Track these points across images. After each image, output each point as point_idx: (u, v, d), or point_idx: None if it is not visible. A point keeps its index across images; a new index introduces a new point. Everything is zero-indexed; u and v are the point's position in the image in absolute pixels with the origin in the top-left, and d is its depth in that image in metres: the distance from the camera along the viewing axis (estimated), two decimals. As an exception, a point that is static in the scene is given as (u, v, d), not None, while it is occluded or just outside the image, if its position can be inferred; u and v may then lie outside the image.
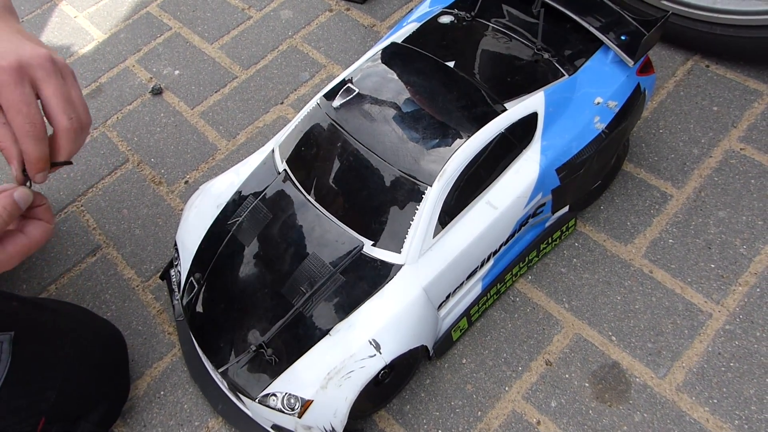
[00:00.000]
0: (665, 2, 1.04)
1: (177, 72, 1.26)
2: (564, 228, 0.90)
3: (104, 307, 0.96)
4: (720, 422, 0.77)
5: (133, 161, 1.14)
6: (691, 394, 0.79)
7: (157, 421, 0.85)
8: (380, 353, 0.68)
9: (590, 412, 0.80)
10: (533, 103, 0.76)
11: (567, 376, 0.83)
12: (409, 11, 0.97)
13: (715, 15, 1.00)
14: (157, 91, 1.23)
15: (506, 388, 0.83)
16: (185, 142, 1.15)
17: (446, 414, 0.82)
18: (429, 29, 0.85)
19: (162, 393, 0.87)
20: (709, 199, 0.95)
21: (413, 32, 0.85)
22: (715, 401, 0.79)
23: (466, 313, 0.83)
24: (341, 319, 0.70)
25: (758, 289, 0.86)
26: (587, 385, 0.82)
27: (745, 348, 0.82)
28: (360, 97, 0.77)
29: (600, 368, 0.83)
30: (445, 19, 0.86)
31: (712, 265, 0.89)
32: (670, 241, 0.92)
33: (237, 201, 0.80)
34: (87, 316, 0.85)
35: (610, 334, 0.85)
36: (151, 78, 1.26)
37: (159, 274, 0.98)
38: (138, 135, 1.17)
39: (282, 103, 1.18)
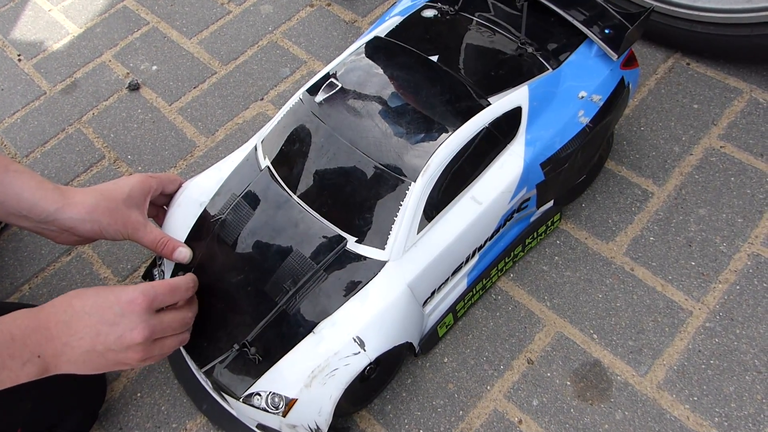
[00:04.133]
0: None
1: (154, 67, 1.24)
2: (549, 223, 0.90)
3: (79, 306, 0.93)
4: (700, 419, 0.77)
5: (110, 158, 1.12)
6: (671, 391, 0.80)
7: (134, 423, 0.83)
8: (365, 350, 0.67)
9: (572, 410, 0.80)
10: (517, 97, 0.76)
11: (548, 374, 0.82)
12: (392, 5, 0.96)
13: (696, 13, 1.01)
14: (134, 87, 1.21)
15: (488, 387, 0.82)
16: (163, 138, 1.13)
17: (428, 413, 0.81)
18: (412, 23, 0.84)
19: (139, 395, 0.85)
20: (690, 196, 0.95)
21: (396, 26, 0.84)
22: (696, 399, 0.79)
23: (452, 309, 0.82)
24: (325, 316, 0.69)
25: (738, 287, 0.87)
26: (569, 383, 0.82)
27: (725, 345, 0.82)
28: (343, 91, 0.76)
29: (581, 366, 0.83)
30: (429, 13, 0.85)
31: (693, 263, 0.89)
32: (651, 238, 0.92)
33: (220, 198, 0.78)
34: None
35: (592, 332, 0.85)
36: (128, 73, 1.24)
37: (136, 272, 0.96)
38: (114, 131, 1.15)
39: (262, 99, 1.17)
